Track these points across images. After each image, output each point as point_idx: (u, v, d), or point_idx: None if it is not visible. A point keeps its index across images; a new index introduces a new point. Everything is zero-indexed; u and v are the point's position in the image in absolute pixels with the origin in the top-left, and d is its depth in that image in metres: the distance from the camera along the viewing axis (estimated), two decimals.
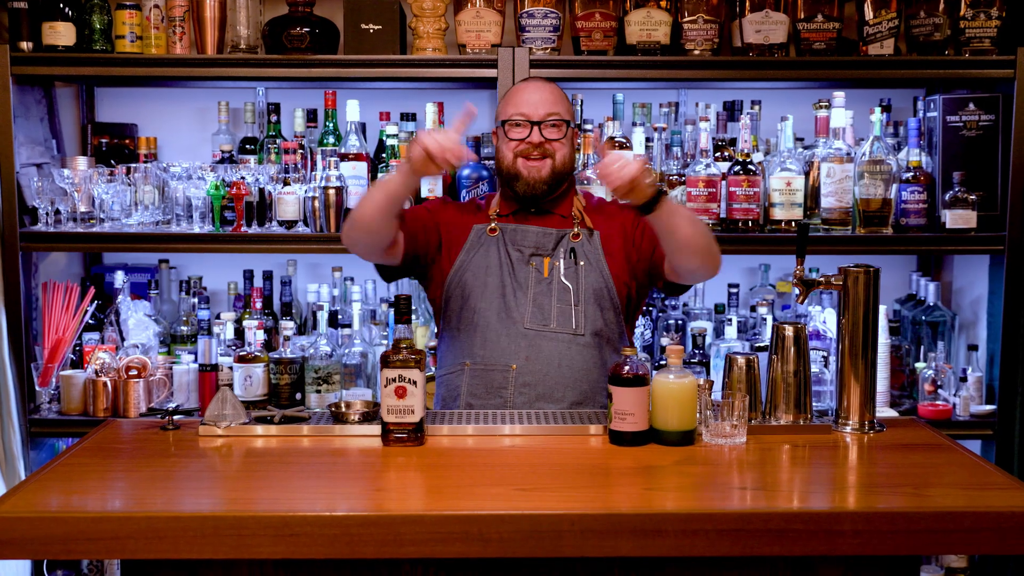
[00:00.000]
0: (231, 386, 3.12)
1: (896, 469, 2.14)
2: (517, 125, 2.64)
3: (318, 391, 3.17)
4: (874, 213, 3.24)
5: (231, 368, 3.14)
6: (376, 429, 2.28)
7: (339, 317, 3.34)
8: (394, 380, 2.20)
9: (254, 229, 3.28)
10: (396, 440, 2.22)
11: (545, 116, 2.63)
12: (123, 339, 3.29)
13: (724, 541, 1.82)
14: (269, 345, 3.31)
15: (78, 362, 3.31)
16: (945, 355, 3.30)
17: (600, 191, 3.11)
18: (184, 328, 3.39)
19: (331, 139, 3.41)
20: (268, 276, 3.47)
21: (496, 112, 2.74)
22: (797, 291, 2.48)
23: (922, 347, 3.37)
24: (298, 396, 3.17)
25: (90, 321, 3.32)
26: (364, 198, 2.59)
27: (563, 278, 2.63)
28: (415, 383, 2.20)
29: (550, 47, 3.30)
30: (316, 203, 3.22)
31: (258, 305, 3.32)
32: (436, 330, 2.86)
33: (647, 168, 2.37)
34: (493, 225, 2.69)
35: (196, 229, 3.26)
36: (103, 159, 3.49)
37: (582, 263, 2.66)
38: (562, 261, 2.65)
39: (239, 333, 3.28)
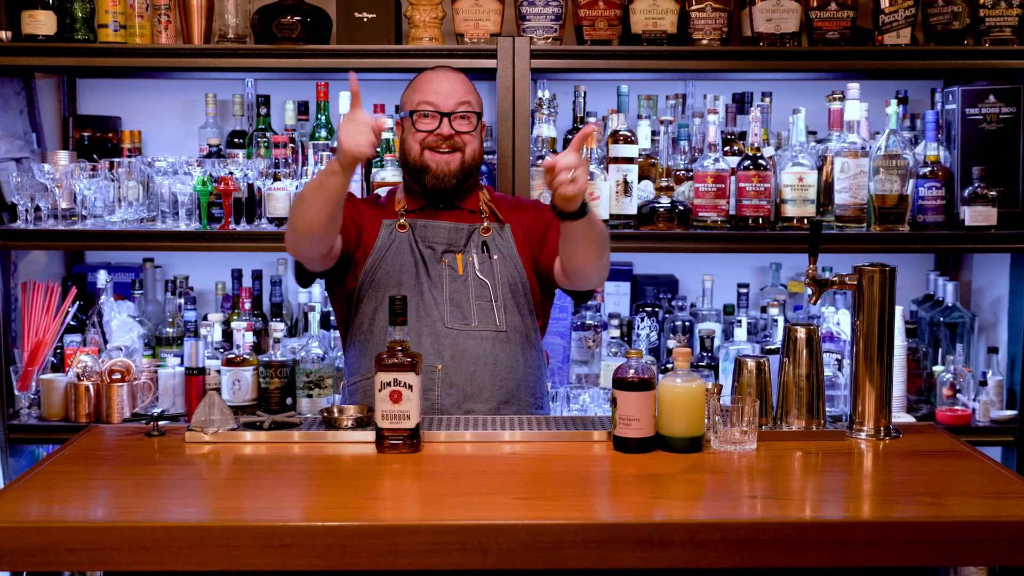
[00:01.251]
0: (219, 390, 3.10)
1: (913, 477, 2.14)
2: (425, 116, 2.62)
3: (310, 395, 3.17)
4: (890, 210, 3.24)
5: (219, 372, 3.14)
6: (370, 435, 2.28)
7: (332, 318, 3.34)
8: (389, 384, 2.20)
9: (243, 227, 3.28)
10: (391, 447, 2.22)
11: (456, 107, 2.62)
12: (106, 341, 3.29)
13: (733, 552, 1.82)
14: (258, 348, 3.31)
15: (59, 365, 3.31)
16: (964, 358, 3.30)
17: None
18: (170, 330, 3.39)
19: (323, 132, 3.42)
20: (257, 276, 3.47)
21: (402, 100, 2.72)
22: (809, 291, 2.48)
23: (940, 350, 3.37)
24: (289, 401, 3.17)
25: (72, 323, 3.32)
26: (303, 203, 2.49)
27: (479, 273, 2.64)
28: (411, 387, 2.20)
29: (552, 36, 3.30)
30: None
31: (247, 306, 3.32)
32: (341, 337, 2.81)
33: (583, 167, 2.35)
34: (402, 221, 2.67)
35: (182, 227, 3.26)
36: (85, 153, 3.49)
37: (495, 256, 2.66)
38: (475, 256, 2.65)
39: (227, 335, 3.29)
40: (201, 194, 3.25)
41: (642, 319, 3.39)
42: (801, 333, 2.37)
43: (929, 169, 3.27)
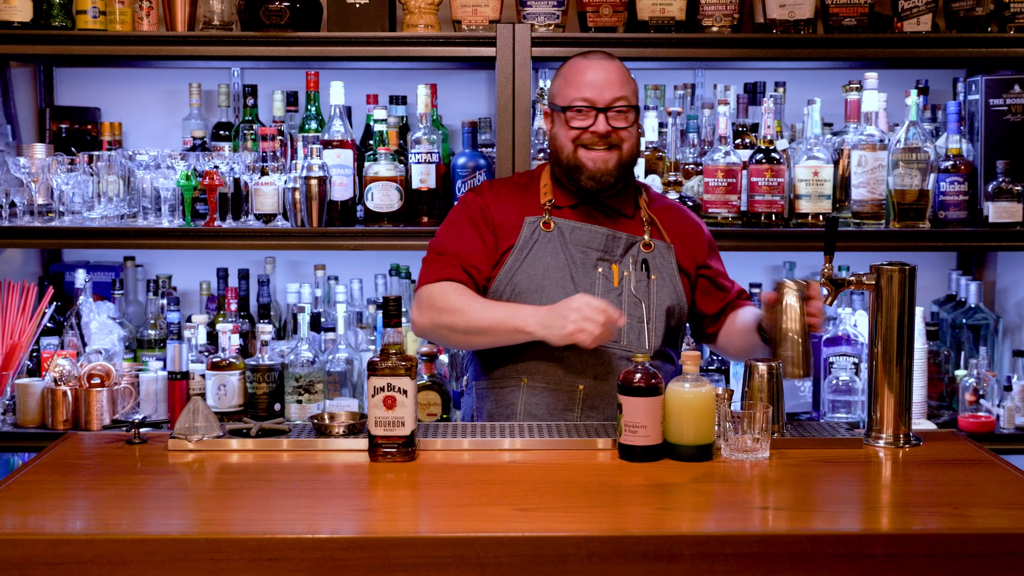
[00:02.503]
0: (203, 396, 3.12)
1: (934, 487, 2.14)
2: (579, 112, 2.58)
3: (299, 401, 3.17)
4: (910, 206, 3.24)
5: (203, 376, 3.14)
6: (363, 443, 2.28)
7: (322, 320, 3.34)
8: (383, 389, 2.20)
9: (228, 223, 3.28)
10: (385, 455, 2.22)
11: (612, 101, 2.57)
12: (85, 344, 3.29)
13: (745, 567, 1.82)
14: (245, 351, 3.31)
15: (35, 369, 3.31)
16: (988, 362, 3.30)
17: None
18: (152, 332, 3.40)
19: (313, 124, 3.42)
20: (244, 275, 3.47)
21: (551, 89, 2.68)
22: (825, 292, 2.48)
23: (962, 353, 3.37)
24: (277, 407, 3.17)
25: (48, 324, 3.32)
26: (465, 324, 2.51)
27: (634, 290, 2.61)
28: (406, 393, 2.20)
29: (554, 23, 3.30)
30: (297, 195, 3.22)
31: (233, 307, 3.32)
32: None
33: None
34: (547, 219, 2.63)
35: (165, 223, 3.26)
36: (63, 146, 3.49)
37: (655, 277, 2.64)
38: (633, 271, 2.62)
39: (212, 338, 3.29)
40: (185, 189, 3.25)
41: None
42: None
43: (951, 163, 3.27)
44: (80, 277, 3.38)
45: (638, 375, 2.22)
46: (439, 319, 2.55)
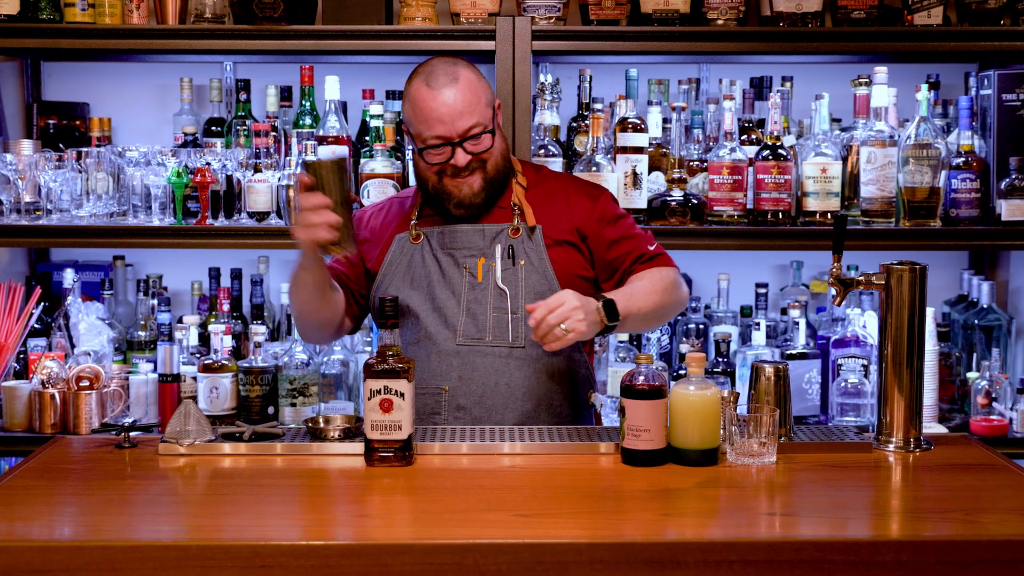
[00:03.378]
0: (195, 399, 3.12)
1: (945, 492, 2.15)
2: (436, 149, 2.54)
3: (293, 404, 3.17)
4: (920, 203, 3.24)
5: (195, 379, 3.14)
6: (359, 447, 2.28)
7: None
8: (379, 392, 2.21)
9: (221, 222, 3.28)
10: (381, 460, 2.22)
11: (465, 132, 2.53)
12: (73, 346, 3.29)
13: (751, 574, 1.82)
14: (238, 353, 3.31)
15: (22, 372, 3.31)
16: (1001, 364, 3.30)
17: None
18: (142, 333, 3.40)
19: (308, 120, 3.42)
20: (237, 275, 3.47)
21: (405, 117, 2.61)
22: (833, 291, 2.48)
23: (974, 355, 3.37)
24: (271, 410, 3.17)
25: (36, 325, 3.32)
26: (291, 298, 2.65)
27: (499, 282, 2.60)
28: (403, 395, 2.20)
29: (555, 16, 3.30)
30: (291, 192, 3.22)
31: (225, 307, 3.32)
32: None
33: (576, 312, 2.35)
34: (415, 232, 2.65)
35: (155, 222, 3.27)
36: (50, 143, 3.49)
37: (522, 262, 2.61)
38: (499, 261, 2.61)
39: (204, 339, 3.29)
40: (176, 186, 3.26)
41: None
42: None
43: (963, 159, 3.27)
44: (68, 277, 3.38)
45: (641, 377, 2.22)
46: (295, 317, 2.72)
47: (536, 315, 2.35)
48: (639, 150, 3.24)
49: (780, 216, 3.23)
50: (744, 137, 3.36)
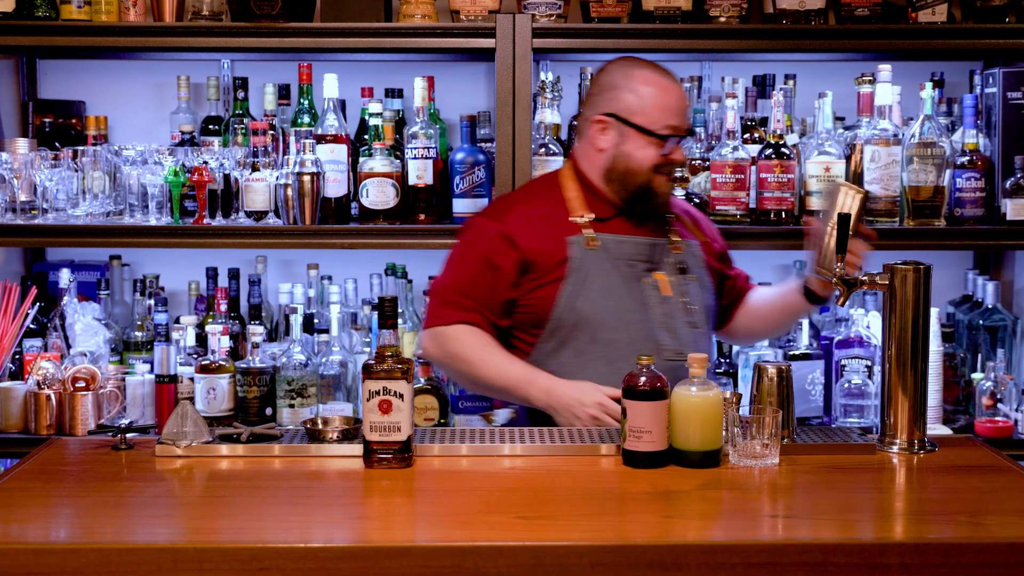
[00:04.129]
0: (192, 400, 3.12)
1: (949, 494, 2.15)
2: (668, 139, 2.62)
3: (291, 405, 3.17)
4: (925, 203, 3.24)
5: (192, 379, 3.14)
6: (357, 449, 2.28)
7: (315, 321, 3.34)
8: (378, 393, 2.21)
9: (218, 221, 3.28)
10: (381, 461, 2.22)
11: (688, 128, 2.66)
12: (69, 346, 3.29)
13: None
14: (235, 353, 3.31)
15: (18, 372, 3.31)
16: (1006, 364, 3.30)
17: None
18: (138, 334, 3.40)
19: (306, 118, 3.42)
20: (234, 275, 3.47)
21: (626, 104, 2.65)
22: (837, 292, 2.48)
23: (979, 355, 3.37)
24: (268, 411, 3.17)
25: (31, 326, 3.32)
26: (473, 376, 2.63)
27: (682, 297, 2.65)
28: (402, 396, 2.20)
29: (555, 13, 3.30)
30: (289, 191, 3.22)
31: (223, 308, 3.32)
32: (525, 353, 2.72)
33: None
34: (591, 235, 2.64)
35: (152, 221, 3.26)
36: (46, 141, 3.49)
37: (693, 277, 2.68)
38: (676, 275, 2.66)
39: (201, 339, 3.28)
40: (173, 185, 3.26)
41: None
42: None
43: (967, 158, 3.27)
44: (64, 277, 3.38)
45: (643, 378, 2.22)
46: (453, 364, 2.66)
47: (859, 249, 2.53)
48: None
49: (783, 215, 3.23)
50: (747, 136, 3.36)
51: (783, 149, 3.21)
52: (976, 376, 3.30)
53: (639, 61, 2.71)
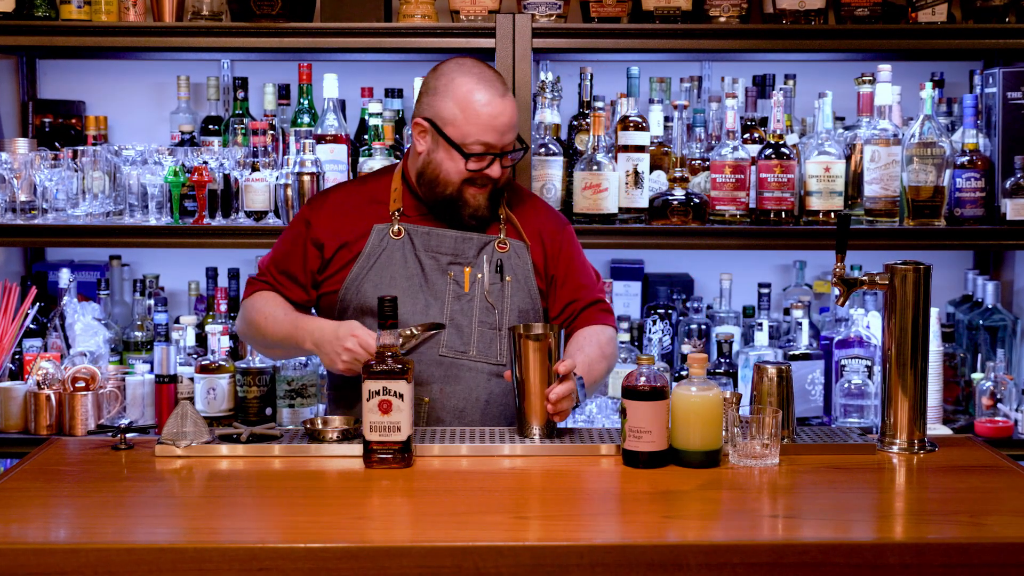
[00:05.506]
0: (192, 400, 3.12)
1: (950, 494, 2.15)
2: (477, 156, 2.52)
3: (291, 406, 3.17)
4: (925, 203, 3.24)
5: (192, 379, 3.14)
6: (357, 449, 2.28)
7: None
8: (377, 393, 2.20)
9: (218, 221, 3.28)
10: (380, 461, 2.22)
11: (508, 145, 2.55)
12: (69, 346, 3.29)
13: None
14: (235, 353, 3.31)
15: (17, 372, 3.31)
16: (1006, 364, 3.30)
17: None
18: (138, 334, 3.39)
19: (306, 118, 3.42)
20: (234, 275, 3.47)
21: (437, 108, 2.55)
22: (837, 291, 2.48)
23: (979, 356, 3.37)
24: (268, 411, 3.17)
25: (31, 326, 3.32)
26: (261, 336, 2.63)
27: (487, 294, 2.59)
28: (402, 397, 2.20)
29: (555, 13, 3.30)
30: (289, 191, 3.22)
31: (223, 308, 3.32)
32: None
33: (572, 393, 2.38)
34: (397, 227, 2.61)
35: (152, 221, 3.26)
36: (46, 141, 3.49)
37: (508, 279, 2.61)
38: (486, 274, 2.60)
39: (201, 339, 3.29)
40: (173, 185, 3.25)
41: (654, 322, 3.39)
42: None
43: (967, 158, 3.27)
44: (64, 277, 3.38)
45: (643, 379, 2.22)
46: (251, 332, 2.68)
47: (554, 396, 2.33)
48: (641, 149, 3.24)
49: (783, 215, 3.23)
50: (747, 136, 3.36)
51: (783, 149, 3.21)
52: (976, 376, 3.30)
53: (469, 67, 2.57)
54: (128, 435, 2.40)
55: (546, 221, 2.72)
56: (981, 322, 3.39)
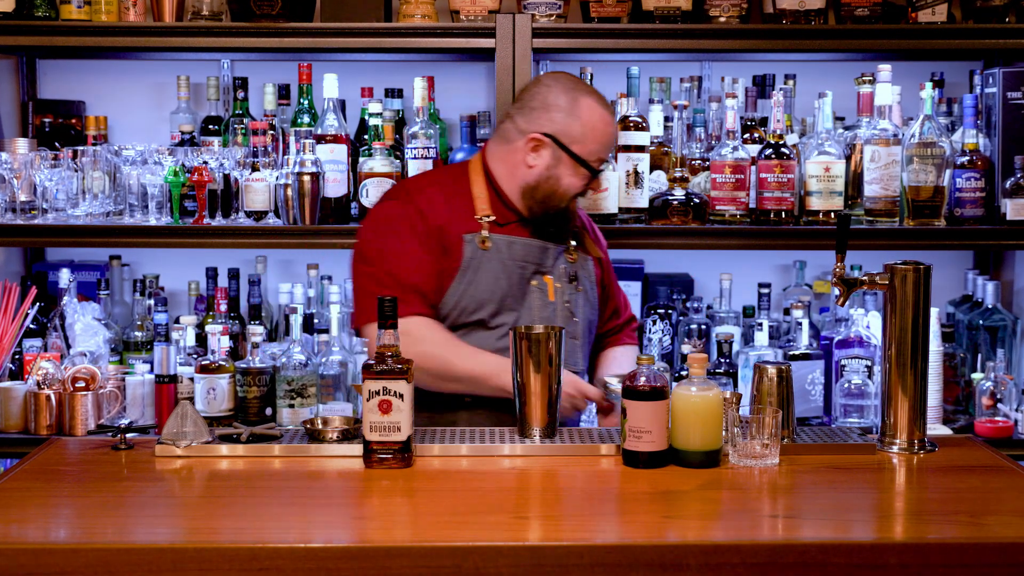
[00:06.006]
0: (192, 400, 3.12)
1: (949, 494, 2.15)
2: (594, 168, 2.66)
3: (291, 405, 3.17)
4: (925, 203, 3.24)
5: (192, 379, 3.14)
6: (357, 449, 2.28)
7: (315, 321, 3.34)
8: (378, 393, 2.20)
9: (218, 221, 3.28)
10: (380, 461, 2.22)
11: (610, 157, 2.71)
12: (69, 346, 3.29)
13: None
14: (235, 353, 3.31)
15: (18, 372, 3.31)
16: (1006, 364, 3.30)
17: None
18: (138, 334, 3.39)
19: (306, 118, 3.42)
20: (234, 275, 3.47)
21: (569, 131, 2.64)
22: (837, 292, 2.48)
23: (979, 356, 3.37)
24: (268, 411, 3.17)
25: (31, 326, 3.32)
26: (442, 371, 2.59)
27: (566, 304, 2.66)
28: (402, 397, 2.20)
29: (555, 13, 3.30)
30: (289, 191, 3.22)
31: (223, 308, 3.32)
32: None
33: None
34: (485, 236, 2.65)
35: (152, 221, 3.26)
36: (46, 141, 3.49)
37: (581, 289, 2.69)
38: (564, 283, 2.67)
39: (201, 340, 3.28)
40: (173, 185, 3.26)
41: (654, 322, 3.39)
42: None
43: (967, 158, 3.27)
44: (64, 277, 3.38)
45: (643, 378, 2.22)
46: (422, 366, 2.52)
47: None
48: (640, 149, 3.24)
49: (783, 215, 3.23)
50: (747, 136, 3.36)
51: (783, 149, 3.21)
52: (976, 376, 3.30)
53: (584, 86, 2.71)
54: (128, 435, 2.40)
55: (597, 233, 2.86)
56: (981, 322, 3.39)
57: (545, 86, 2.68)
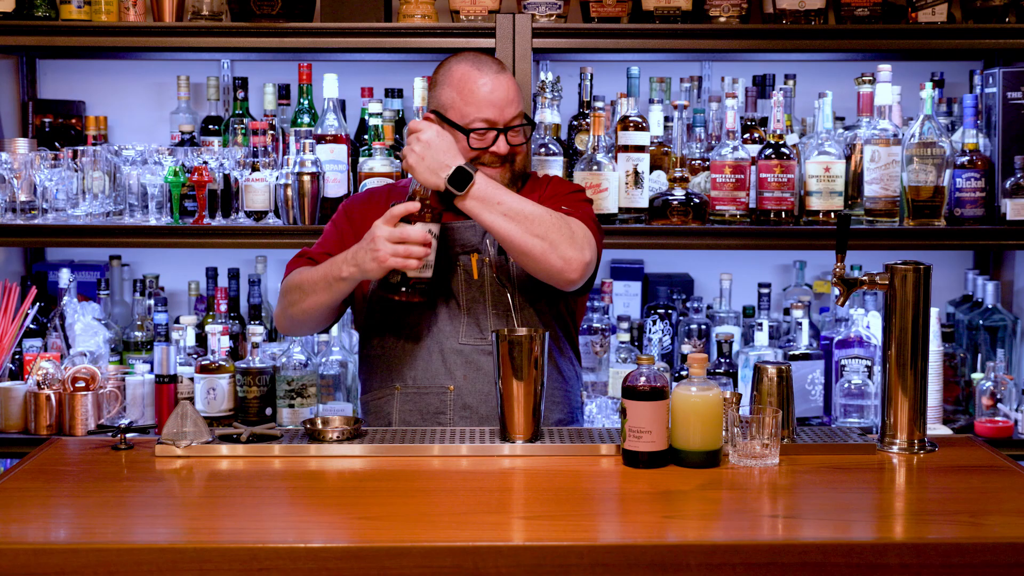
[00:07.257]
0: (192, 400, 3.12)
1: (949, 495, 2.15)
2: (480, 132, 2.56)
3: (291, 405, 3.17)
4: (925, 203, 3.24)
5: (192, 379, 3.14)
6: (357, 449, 2.29)
7: None
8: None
9: (218, 221, 3.28)
10: (409, 293, 2.40)
11: (511, 120, 2.59)
12: (69, 346, 3.29)
13: None
14: (235, 353, 3.31)
15: (17, 372, 3.31)
16: (1006, 364, 3.30)
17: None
18: (138, 334, 3.40)
19: (306, 118, 3.42)
20: (234, 275, 3.47)
21: (443, 99, 2.61)
22: (837, 291, 2.48)
23: (979, 356, 3.37)
24: (268, 411, 3.17)
25: (31, 326, 3.32)
26: (302, 296, 2.56)
27: (497, 276, 2.60)
28: (436, 237, 2.40)
29: (555, 13, 3.30)
30: (289, 191, 3.22)
31: (223, 308, 3.32)
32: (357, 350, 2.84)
33: (420, 146, 2.41)
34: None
35: (152, 221, 3.26)
36: (46, 141, 3.49)
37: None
38: (492, 256, 2.61)
39: (201, 340, 3.29)
40: (173, 185, 3.26)
41: (654, 322, 3.39)
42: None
43: (967, 158, 3.27)
44: (64, 277, 3.38)
45: (643, 378, 2.22)
46: (288, 299, 2.61)
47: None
48: (640, 149, 3.24)
49: (783, 215, 3.23)
50: (747, 136, 3.36)
51: (783, 149, 3.21)
52: (976, 376, 3.30)
53: (464, 55, 2.65)
54: (128, 435, 2.40)
55: (543, 183, 2.73)
56: (981, 322, 3.39)
57: (436, 67, 2.69)
